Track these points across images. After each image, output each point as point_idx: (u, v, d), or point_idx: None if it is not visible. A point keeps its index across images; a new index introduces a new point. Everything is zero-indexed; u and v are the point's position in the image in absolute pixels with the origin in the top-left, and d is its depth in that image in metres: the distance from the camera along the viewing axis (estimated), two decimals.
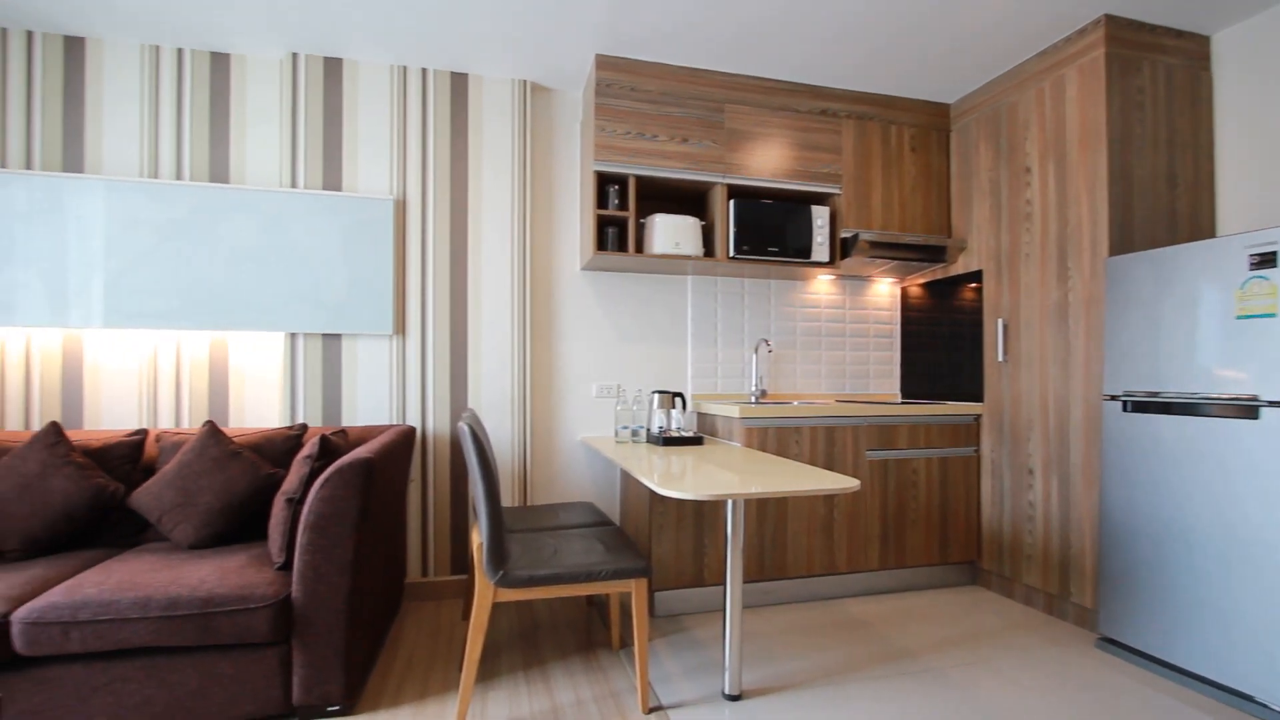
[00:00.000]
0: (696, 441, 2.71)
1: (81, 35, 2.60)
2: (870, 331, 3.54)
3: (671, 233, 2.84)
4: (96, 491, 2.17)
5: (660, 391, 2.85)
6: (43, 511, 2.08)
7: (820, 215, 3.03)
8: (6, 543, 2.04)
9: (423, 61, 2.83)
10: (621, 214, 2.81)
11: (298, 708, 1.84)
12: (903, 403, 3.11)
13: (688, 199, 3.17)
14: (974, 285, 3.10)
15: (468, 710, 1.87)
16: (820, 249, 3.02)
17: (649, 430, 2.86)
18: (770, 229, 2.95)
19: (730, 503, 1.94)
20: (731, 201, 2.91)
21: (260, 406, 2.76)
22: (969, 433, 3.03)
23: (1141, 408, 2.24)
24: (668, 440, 2.68)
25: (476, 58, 2.80)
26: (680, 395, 2.89)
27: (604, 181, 2.87)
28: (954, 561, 3.02)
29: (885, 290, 3.57)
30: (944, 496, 2.99)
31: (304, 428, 2.52)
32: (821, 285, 3.46)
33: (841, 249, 3.09)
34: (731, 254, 2.90)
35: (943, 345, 3.30)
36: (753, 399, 3.24)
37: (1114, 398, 2.33)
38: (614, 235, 2.88)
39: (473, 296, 2.93)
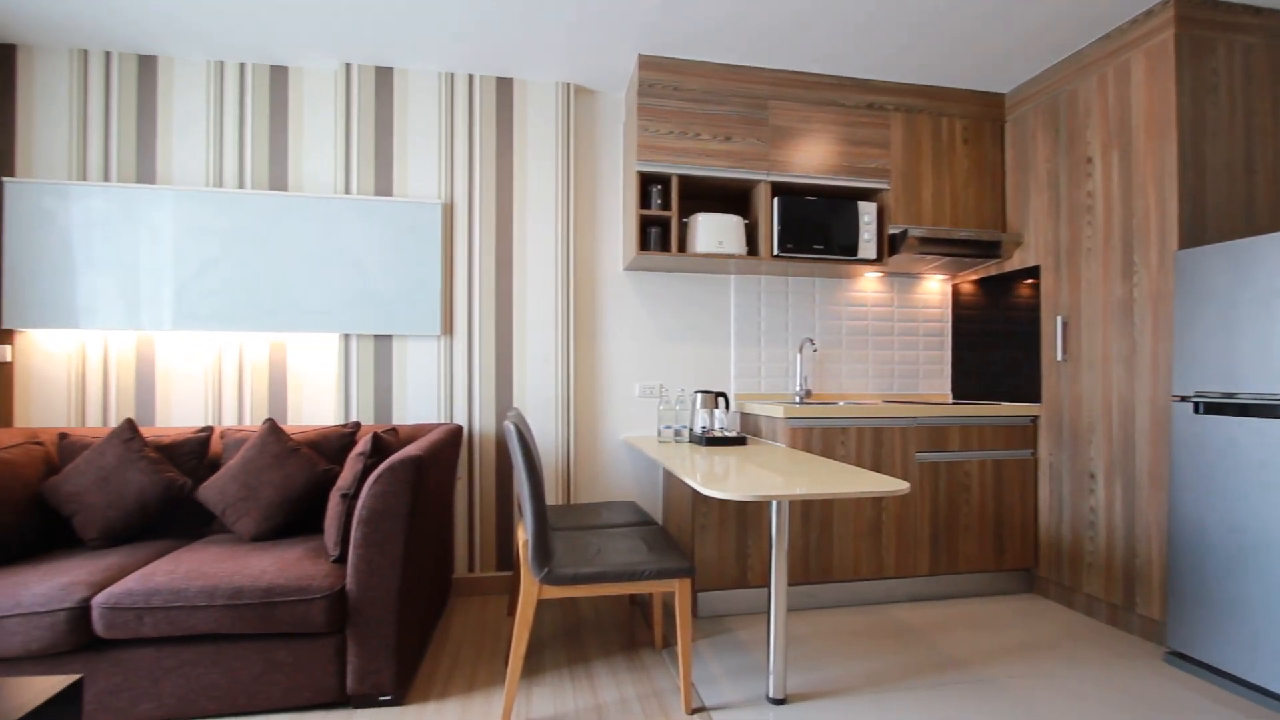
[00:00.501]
0: (740, 442, 2.69)
1: (154, 54, 2.75)
2: (919, 330, 3.45)
3: (714, 232, 2.82)
4: (167, 485, 2.29)
5: (703, 391, 2.84)
6: (119, 503, 2.21)
7: (867, 211, 2.96)
8: (87, 531, 2.18)
9: (470, 68, 2.89)
10: (664, 214, 2.81)
11: (351, 696, 1.91)
12: (954, 403, 3.02)
13: (731, 197, 3.15)
14: (1031, 281, 2.98)
15: (513, 705, 1.90)
16: (867, 246, 2.96)
17: (691, 430, 2.85)
18: (815, 226, 2.90)
19: (775, 504, 1.92)
20: (775, 199, 2.87)
21: (316, 405, 2.87)
22: (1025, 435, 2.92)
23: (1215, 409, 2.11)
24: (711, 440, 2.67)
25: (522, 63, 2.84)
26: (723, 395, 2.88)
27: (647, 181, 2.88)
28: (1009, 568, 2.91)
29: (935, 287, 3.47)
30: (998, 500, 2.89)
31: (357, 425, 2.61)
32: (868, 283, 3.38)
33: (890, 246, 3.01)
34: (775, 252, 2.87)
35: (997, 344, 3.18)
36: (797, 399, 3.19)
37: (1184, 399, 2.21)
38: (657, 235, 2.88)
39: (518, 297, 2.98)
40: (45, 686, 1.25)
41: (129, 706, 1.80)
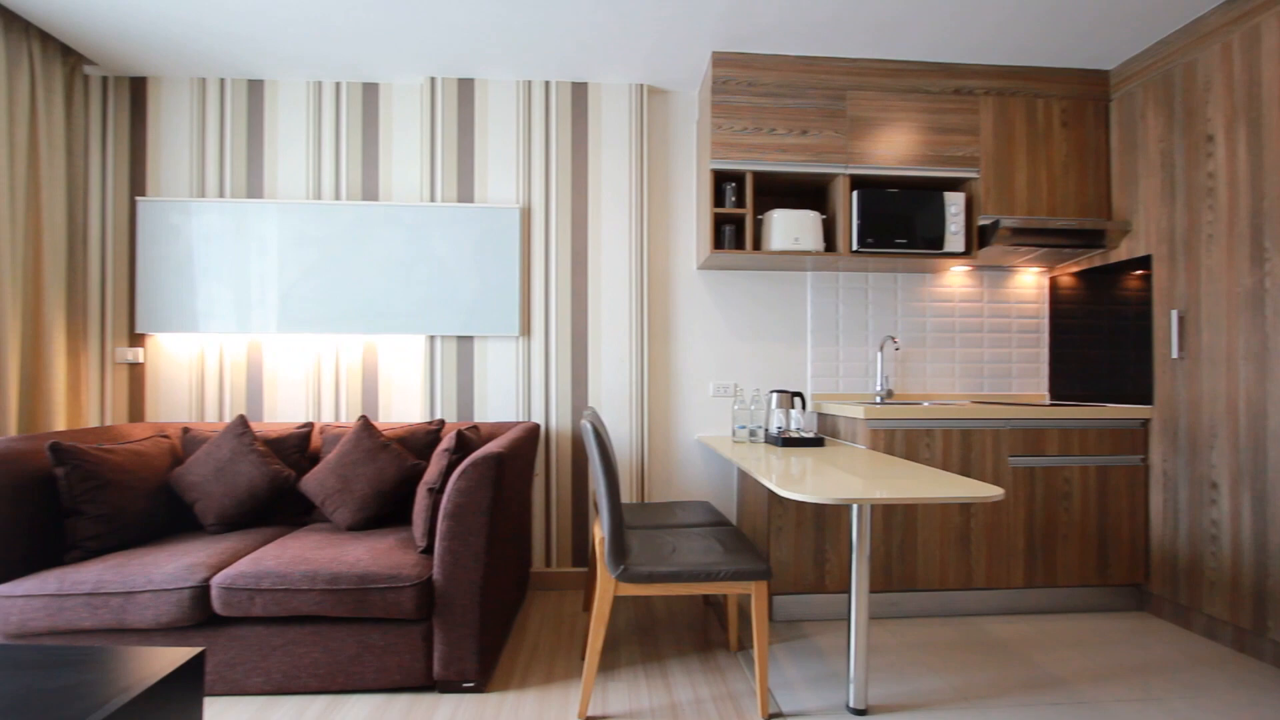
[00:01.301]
0: (817, 443, 2.63)
1: (261, 78, 2.98)
2: (1013, 326, 3.24)
3: (790, 228, 2.76)
4: (274, 476, 2.47)
5: (779, 391, 2.79)
6: (233, 492, 2.41)
7: (954, 202, 2.82)
8: (206, 517, 2.39)
9: (546, 75, 2.96)
10: (738, 211, 2.78)
11: (437, 681, 2.00)
12: (1052, 404, 2.82)
13: (807, 192, 3.07)
14: (1140, 272, 2.75)
15: (590, 698, 1.94)
16: (955, 239, 2.81)
17: (767, 430, 2.81)
18: (897, 219, 2.78)
19: (855, 508, 1.86)
20: (855, 192, 2.78)
21: (404, 403, 3.02)
22: (1134, 439, 2.69)
23: None
24: (787, 441, 2.62)
25: (596, 67, 2.88)
26: (799, 395, 2.81)
27: (721, 179, 2.85)
28: (1115, 583, 2.70)
29: (1030, 281, 3.25)
30: (1103, 510, 2.68)
31: (441, 423, 2.72)
32: (955, 277, 3.22)
33: (979, 237, 2.86)
34: (855, 248, 2.78)
35: (1101, 341, 2.95)
36: (878, 399, 3.08)
37: None
38: (731, 233, 2.85)
39: (593, 298, 3.03)
40: (174, 657, 1.38)
41: (242, 679, 1.95)
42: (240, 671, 1.96)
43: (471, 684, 2.01)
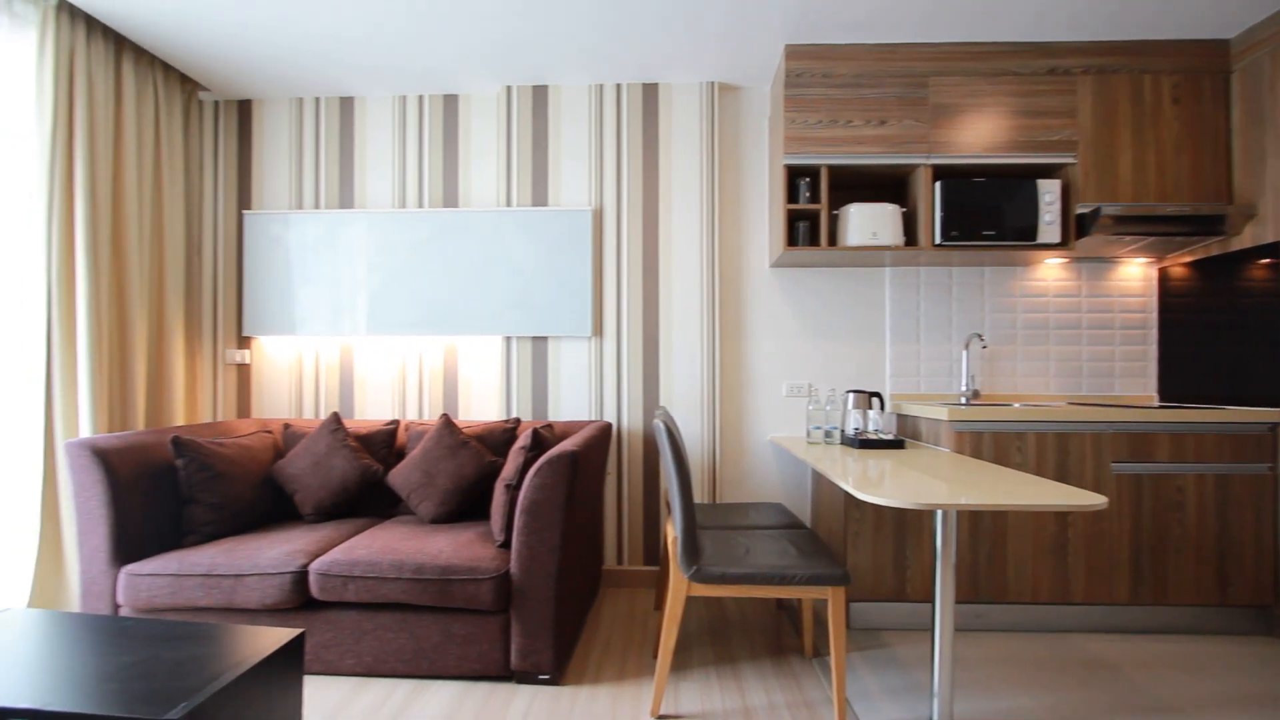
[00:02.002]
0: (897, 445, 2.53)
1: (352, 95, 3.17)
2: (1115, 322, 3.01)
3: (868, 222, 2.67)
4: (364, 470, 2.62)
5: (855, 391, 2.70)
6: (328, 484, 2.57)
7: (1048, 190, 2.64)
8: (304, 507, 2.56)
9: (617, 78, 2.99)
10: (813, 207, 2.71)
11: (514, 672, 2.06)
12: (1162, 406, 2.59)
13: (885, 185, 2.96)
14: (1267, 261, 2.48)
15: (663, 697, 1.94)
16: (1049, 229, 2.64)
17: (843, 432, 2.73)
18: (985, 210, 2.64)
19: (940, 514, 1.77)
20: (937, 183, 2.66)
21: (482, 401, 3.13)
22: (1260, 445, 2.44)
23: None
24: (864, 443, 2.53)
25: (667, 67, 2.89)
26: (877, 395, 2.72)
27: (794, 175, 2.79)
28: (1237, 604, 2.45)
29: (1136, 272, 3.00)
30: (1223, 522, 2.44)
31: (517, 421, 2.81)
32: (1049, 270, 3.01)
33: (1077, 227, 2.66)
34: (938, 241, 2.65)
35: (1220, 337, 2.69)
36: (963, 400, 2.93)
37: None
38: (805, 229, 2.79)
39: (664, 297, 3.03)
40: (278, 636, 1.49)
41: (336, 660, 2.08)
42: (335, 653, 2.08)
43: (547, 676, 2.06)
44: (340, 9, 2.43)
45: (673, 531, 1.92)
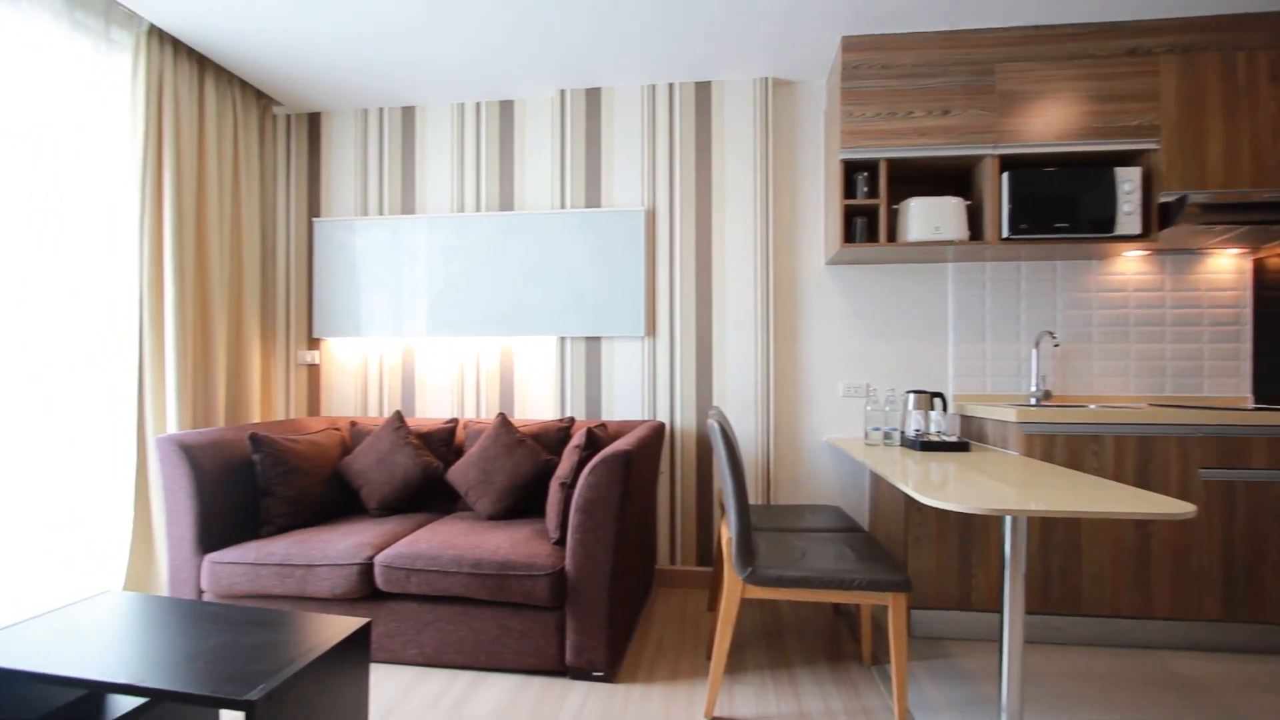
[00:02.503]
0: (961, 447, 2.43)
1: (413, 104, 3.28)
2: (1203, 318, 2.81)
3: (930, 217, 2.58)
4: (425, 467, 2.70)
5: (916, 391, 2.61)
6: (391, 480, 2.67)
7: (1128, 178, 2.49)
8: (370, 502, 2.66)
9: (669, 78, 2.99)
10: (871, 202, 2.64)
11: (569, 668, 2.09)
12: (1258, 408, 2.40)
13: (947, 178, 2.85)
14: None
15: (717, 699, 1.93)
16: (1129, 219, 2.48)
17: (903, 433, 2.64)
18: (1057, 201, 2.51)
19: (1008, 520, 1.70)
20: (1005, 174, 2.54)
21: (537, 401, 3.19)
22: None
23: None
24: (926, 445, 2.45)
25: (719, 64, 2.87)
26: (940, 396, 2.63)
27: (851, 170, 2.73)
28: None
29: (1227, 264, 2.79)
30: None
31: (571, 420, 2.84)
32: (1128, 263, 2.84)
33: (1160, 217, 2.50)
34: (1005, 235, 2.54)
35: None
36: (1033, 401, 2.79)
37: None
38: (862, 225, 2.72)
39: (717, 297, 3.01)
40: (347, 624, 1.55)
41: (400, 649, 2.16)
42: (398, 642, 2.16)
43: (601, 674, 2.08)
44: (405, 29, 2.52)
45: (727, 532, 1.91)
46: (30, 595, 2.17)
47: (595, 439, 2.30)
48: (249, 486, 2.48)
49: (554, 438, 2.75)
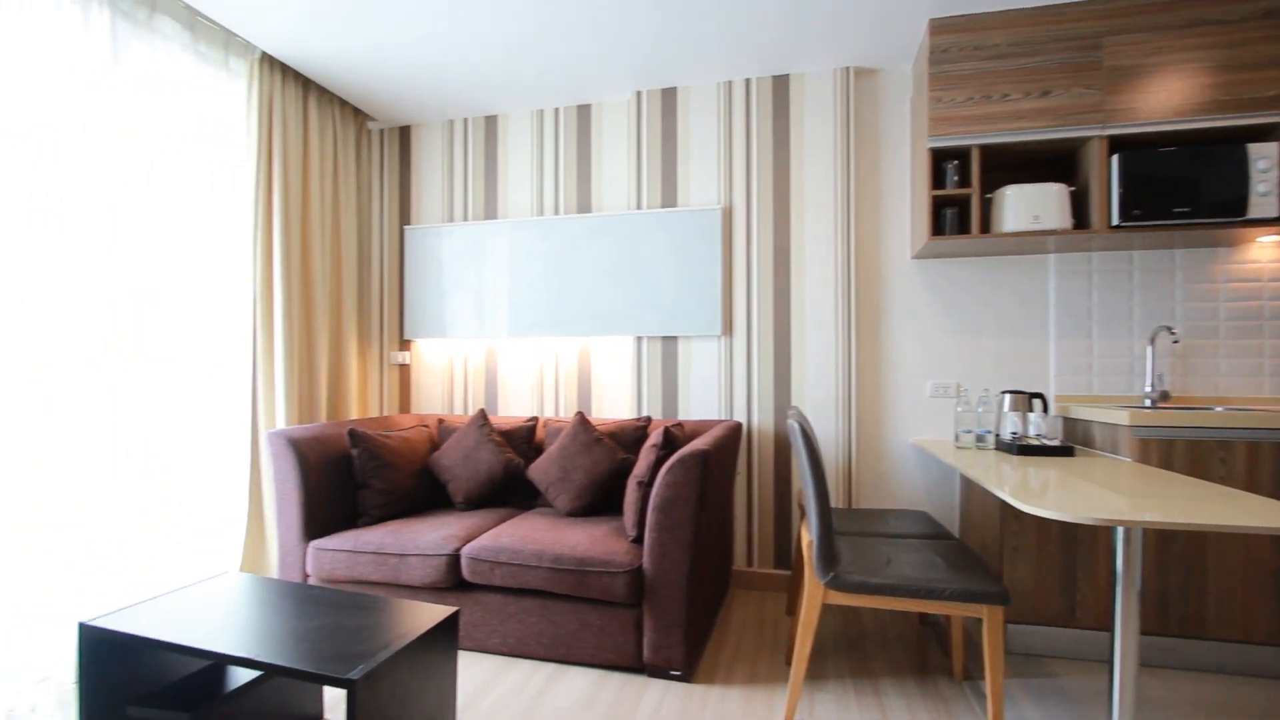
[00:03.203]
0: (1064, 452, 2.26)
1: (495, 113, 3.40)
2: None
3: (1028, 205, 2.42)
4: (507, 463, 2.80)
5: (1012, 392, 2.46)
6: (475, 476, 2.77)
7: (1263, 155, 2.24)
8: (456, 496, 2.78)
9: (746, 73, 2.95)
10: (962, 192, 2.50)
11: (646, 665, 2.10)
12: None
13: (1046, 163, 2.67)
14: None
15: (797, 705, 1.89)
16: (1264, 201, 2.23)
17: (998, 436, 2.49)
18: (1176, 184, 2.29)
19: (1120, 531, 1.57)
20: (1115, 156, 2.35)
21: (614, 400, 3.23)
22: None
23: None
24: (1024, 448, 2.30)
25: (798, 56, 2.80)
26: (1039, 396, 2.46)
27: (939, 158, 2.60)
28: None
29: None
30: None
31: (648, 420, 2.86)
32: (1263, 250, 2.55)
33: None
34: (1115, 222, 2.34)
35: None
36: (1147, 402, 2.56)
37: None
38: (952, 217, 2.58)
39: (796, 294, 2.95)
40: (438, 612, 1.63)
41: (484, 638, 2.24)
42: (483, 632, 2.25)
43: (678, 673, 2.08)
44: (490, 43, 2.61)
45: (807, 535, 1.86)
46: (163, 570, 2.41)
47: (672, 438, 2.30)
48: (347, 479, 2.65)
49: (631, 436, 2.77)
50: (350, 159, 3.32)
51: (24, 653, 1.95)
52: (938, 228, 2.60)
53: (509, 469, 2.79)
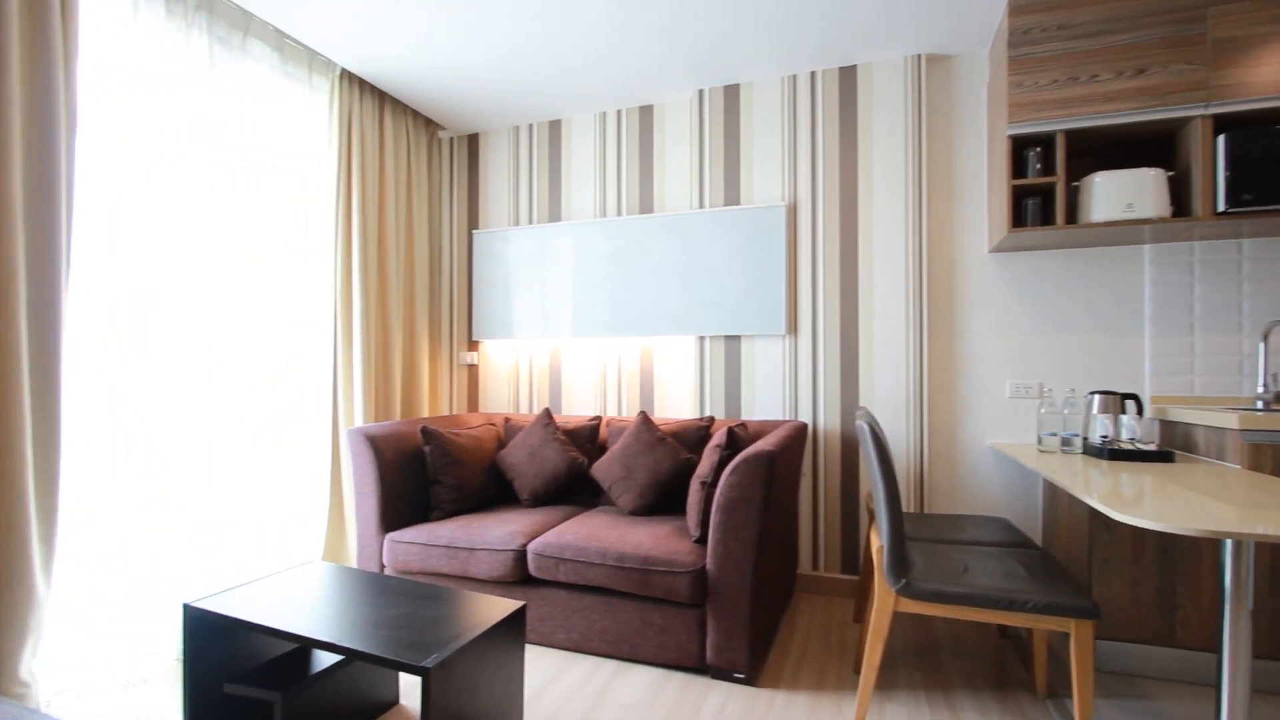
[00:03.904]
0: (1162, 457, 2.10)
1: (559, 118, 3.46)
2: None
3: (1121, 192, 2.26)
4: (571, 462, 2.84)
5: (1102, 392, 2.31)
6: (540, 473, 2.83)
7: None
8: (521, 493, 2.84)
9: (810, 66, 2.89)
10: (1045, 180, 2.36)
11: (709, 666, 2.09)
12: None
13: (1138, 147, 2.48)
14: None
15: (866, 714, 1.83)
16: None
17: (1086, 439, 2.34)
18: None
19: (1229, 544, 1.44)
20: (1220, 137, 2.16)
21: (676, 400, 3.22)
22: None
23: None
24: (1115, 453, 2.15)
25: (865, 45, 2.72)
26: (1133, 398, 2.30)
27: (1020, 146, 2.46)
28: None
29: None
30: None
31: (711, 420, 2.84)
32: None
33: None
34: (1221, 208, 2.15)
35: None
36: (1259, 404, 2.35)
37: None
38: (1034, 207, 2.44)
39: (864, 292, 2.86)
40: (506, 605, 1.67)
41: (549, 633, 2.29)
42: (548, 626, 2.29)
43: (742, 675, 2.06)
44: (555, 50, 2.66)
45: (877, 540, 1.81)
46: (253, 559, 2.57)
47: (736, 438, 2.28)
48: (420, 475, 2.76)
49: (693, 436, 2.76)
50: (422, 167, 3.45)
51: (136, 630, 2.13)
52: (1019, 219, 2.47)
53: (573, 467, 2.83)
